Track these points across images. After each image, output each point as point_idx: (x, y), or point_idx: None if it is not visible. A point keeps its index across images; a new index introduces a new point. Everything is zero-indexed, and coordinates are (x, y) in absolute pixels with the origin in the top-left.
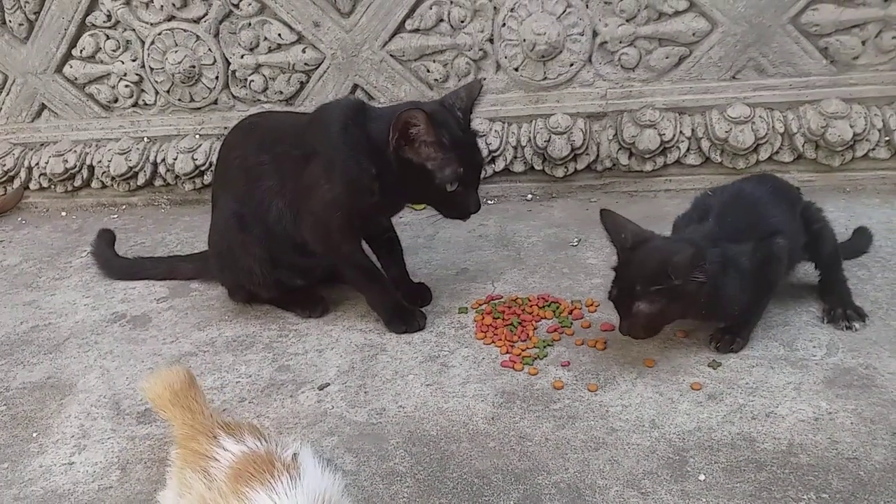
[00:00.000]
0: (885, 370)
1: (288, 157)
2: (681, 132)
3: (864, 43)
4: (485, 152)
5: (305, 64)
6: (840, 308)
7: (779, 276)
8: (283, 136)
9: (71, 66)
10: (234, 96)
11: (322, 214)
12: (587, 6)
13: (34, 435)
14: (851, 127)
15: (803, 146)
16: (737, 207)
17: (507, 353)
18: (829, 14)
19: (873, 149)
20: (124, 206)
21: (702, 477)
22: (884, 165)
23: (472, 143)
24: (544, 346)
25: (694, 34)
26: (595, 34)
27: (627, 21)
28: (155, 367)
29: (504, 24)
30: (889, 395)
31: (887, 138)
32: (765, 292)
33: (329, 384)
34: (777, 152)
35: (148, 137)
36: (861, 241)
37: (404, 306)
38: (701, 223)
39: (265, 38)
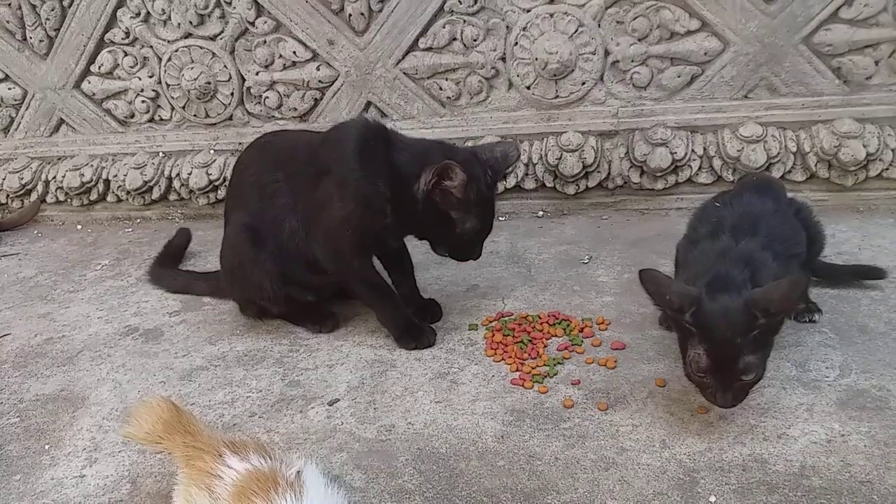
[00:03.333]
0: None
1: (301, 175)
2: (693, 151)
3: (877, 63)
4: None
5: (319, 81)
6: (803, 303)
7: None
8: (297, 155)
9: (89, 82)
10: (248, 112)
11: (334, 231)
12: (599, 25)
13: (46, 447)
14: (864, 146)
15: (816, 165)
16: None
17: (517, 370)
18: (842, 34)
19: (887, 168)
20: (139, 220)
21: (712, 499)
22: None
23: (491, 200)
24: (554, 364)
25: (706, 53)
26: (607, 53)
27: (639, 40)
28: (167, 380)
29: (516, 43)
30: None
31: None
32: None
33: (339, 400)
34: (790, 171)
35: (163, 152)
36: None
37: (414, 323)
38: (715, 241)
39: (280, 56)
